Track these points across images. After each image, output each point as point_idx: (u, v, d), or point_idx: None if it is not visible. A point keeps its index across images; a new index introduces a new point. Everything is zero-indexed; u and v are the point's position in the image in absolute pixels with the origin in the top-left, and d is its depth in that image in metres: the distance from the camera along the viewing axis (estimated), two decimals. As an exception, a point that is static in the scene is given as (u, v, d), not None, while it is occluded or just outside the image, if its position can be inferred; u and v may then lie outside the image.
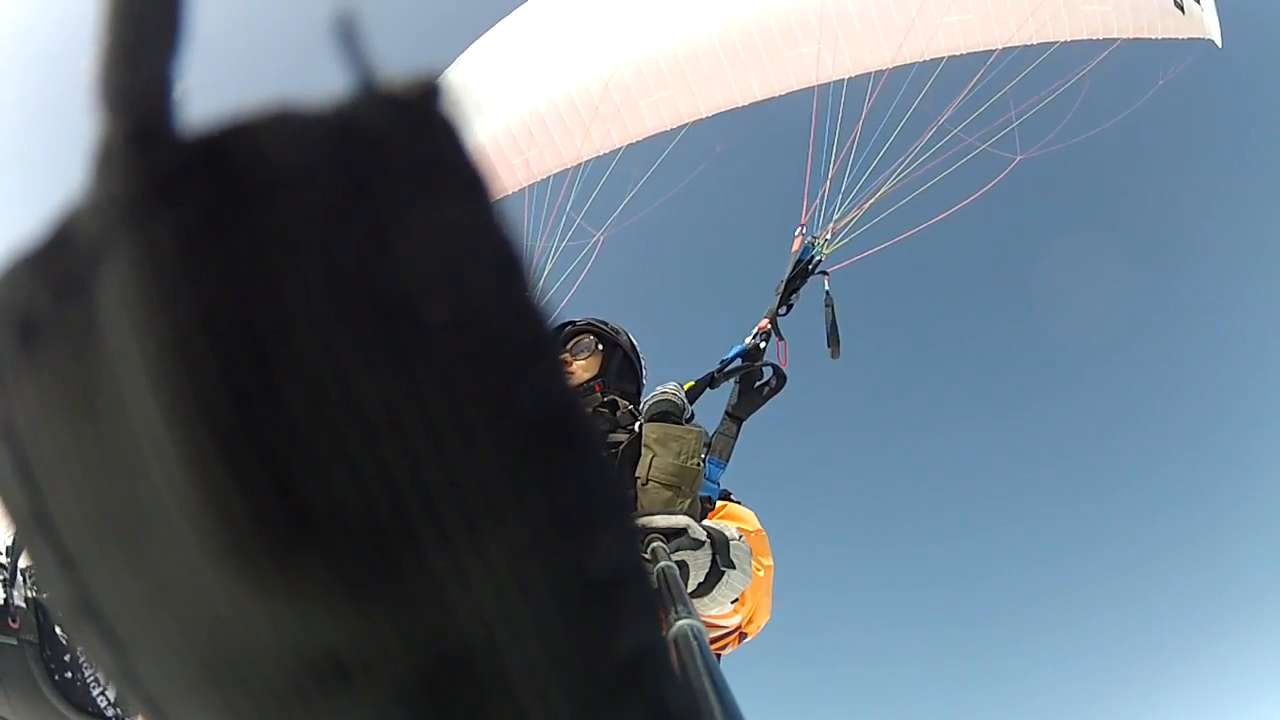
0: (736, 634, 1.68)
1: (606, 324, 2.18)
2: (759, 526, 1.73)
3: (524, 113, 3.65)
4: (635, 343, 2.19)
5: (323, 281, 0.20)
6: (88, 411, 0.22)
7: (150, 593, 0.23)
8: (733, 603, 1.55)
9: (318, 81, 0.22)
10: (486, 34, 3.95)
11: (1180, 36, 3.58)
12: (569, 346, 2.10)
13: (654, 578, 0.93)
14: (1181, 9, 3.49)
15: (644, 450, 1.68)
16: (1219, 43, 3.65)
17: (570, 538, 0.22)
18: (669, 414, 1.83)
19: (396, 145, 0.21)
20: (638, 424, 1.82)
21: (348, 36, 0.21)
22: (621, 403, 1.97)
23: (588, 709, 0.23)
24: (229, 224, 0.20)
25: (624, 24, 3.54)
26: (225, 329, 0.19)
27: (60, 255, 0.21)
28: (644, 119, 3.54)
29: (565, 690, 0.23)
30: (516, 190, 3.74)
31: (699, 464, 1.64)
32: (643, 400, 1.94)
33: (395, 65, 0.21)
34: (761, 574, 1.63)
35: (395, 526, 0.20)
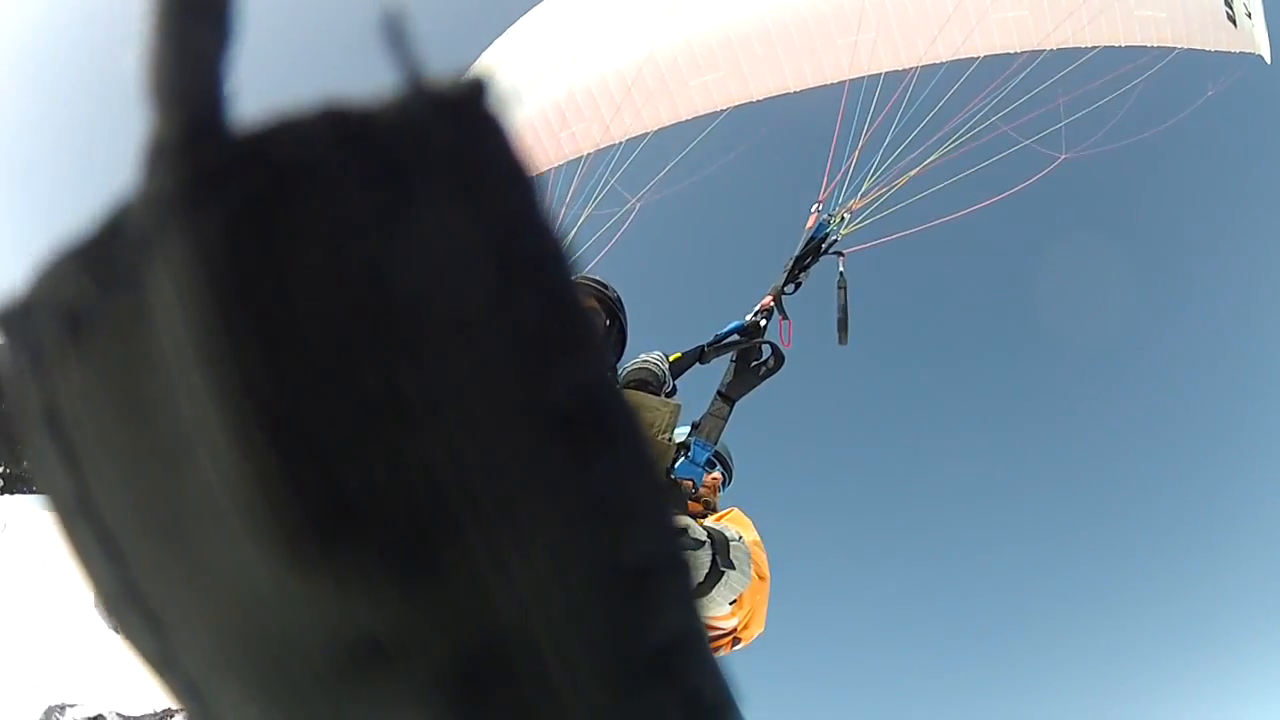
0: (730, 638, 1.64)
1: (608, 289, 2.07)
2: (757, 538, 1.67)
3: (573, 88, 3.66)
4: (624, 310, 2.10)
5: (369, 274, 0.20)
6: (134, 400, 0.22)
7: (193, 577, 0.23)
8: (730, 604, 1.53)
9: (366, 79, 0.22)
10: (536, 8, 4.00)
11: (1231, 50, 3.59)
12: None
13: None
14: (1234, 22, 3.49)
15: None
16: (1268, 59, 3.66)
17: (608, 527, 0.22)
18: (646, 383, 1.80)
19: (442, 143, 0.21)
20: None
21: (395, 34, 0.21)
22: None
23: (621, 696, 0.23)
24: (277, 218, 0.20)
25: (676, 4, 3.57)
26: (273, 320, 0.20)
27: (109, 247, 0.22)
28: (694, 100, 3.56)
29: (600, 677, 0.23)
30: (560, 163, 3.76)
31: (670, 439, 1.59)
32: (621, 368, 1.88)
33: (442, 62, 0.22)
34: (760, 581, 1.60)
35: (436, 514, 0.21)
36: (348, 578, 0.21)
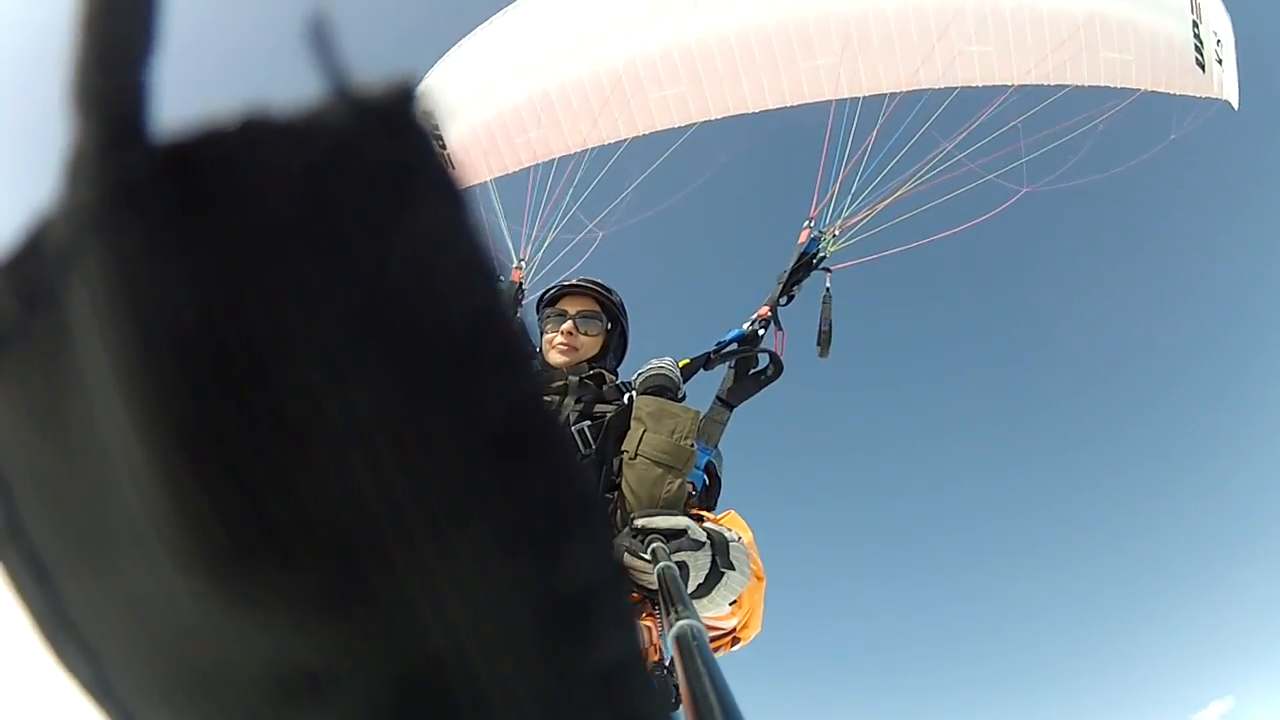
0: (730, 637, 1.64)
1: (611, 293, 2.11)
2: (752, 538, 1.67)
3: (532, 93, 3.61)
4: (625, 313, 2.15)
5: (289, 289, 0.19)
6: (58, 422, 0.21)
7: (122, 604, 0.22)
8: (730, 604, 1.52)
9: (292, 86, 0.22)
10: (503, 11, 3.91)
11: (1198, 94, 3.56)
12: (576, 313, 2.03)
13: (655, 578, 0.92)
14: (1202, 68, 3.47)
15: (635, 423, 1.62)
16: (1236, 105, 3.64)
17: (539, 549, 0.22)
18: (664, 389, 1.78)
19: (367, 151, 0.21)
20: (626, 396, 1.75)
21: (321, 41, 0.20)
22: (608, 376, 1.92)
23: None
24: (197, 231, 0.19)
25: (642, 15, 3.50)
26: (193, 337, 0.19)
27: (30, 264, 0.21)
28: (652, 113, 3.51)
29: (537, 701, 0.22)
30: (518, 170, 3.70)
31: (693, 446, 1.59)
32: (636, 373, 1.88)
33: (371, 69, 0.21)
34: (758, 581, 1.60)
35: (363, 539, 0.20)
36: (276, 608, 0.20)
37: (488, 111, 3.68)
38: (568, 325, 1.99)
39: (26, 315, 0.21)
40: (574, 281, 2.10)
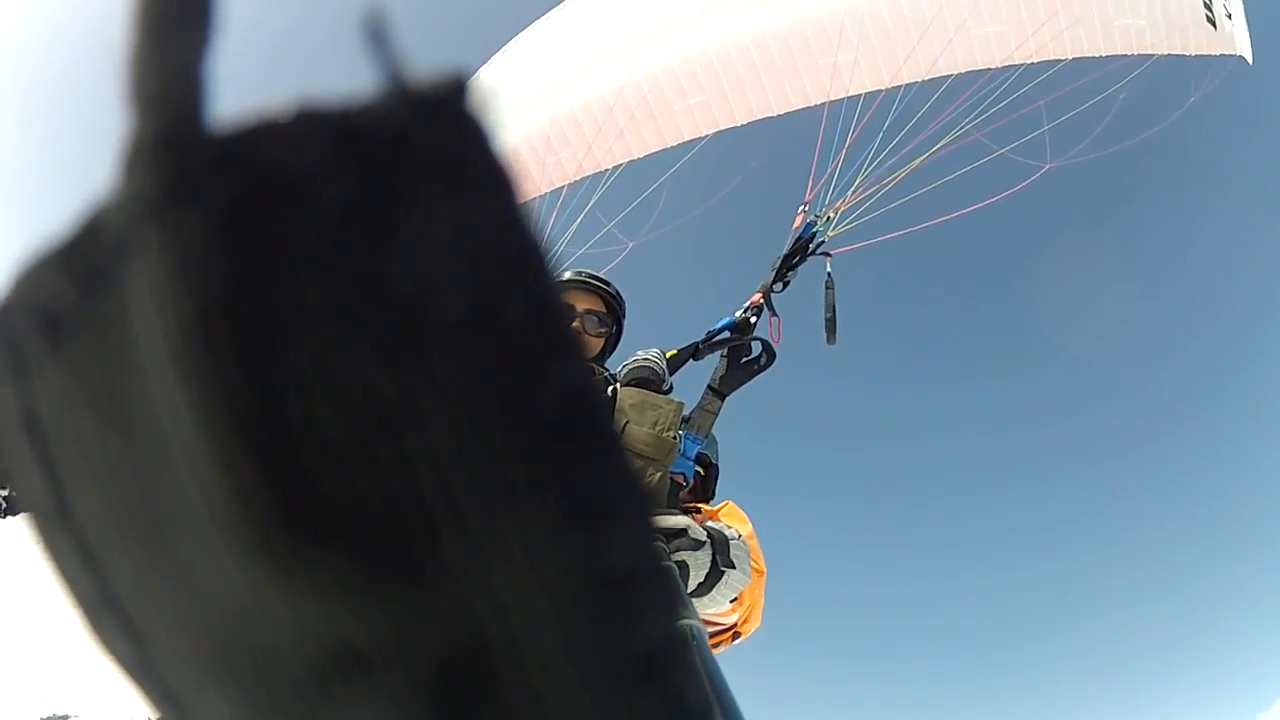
0: (730, 633, 1.66)
1: (609, 287, 2.10)
2: (752, 530, 1.68)
3: (557, 114, 3.67)
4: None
5: (345, 277, 0.20)
6: (112, 405, 0.22)
7: (171, 585, 0.23)
8: (731, 601, 1.54)
9: (345, 79, 0.23)
10: (519, 35, 3.97)
11: (1212, 52, 3.59)
12: (584, 311, 2.02)
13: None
14: (1213, 24, 3.49)
15: (617, 415, 1.61)
16: (1250, 59, 3.67)
17: (588, 532, 0.22)
18: (648, 381, 1.78)
19: (420, 143, 0.21)
20: (610, 389, 1.75)
21: (376, 34, 0.21)
22: (598, 369, 1.93)
23: (604, 703, 0.23)
24: (254, 221, 0.20)
25: (658, 29, 3.55)
26: (250, 324, 0.20)
27: (87, 250, 0.22)
28: (678, 124, 3.56)
29: (582, 684, 0.23)
30: (550, 191, 3.77)
31: (675, 438, 1.58)
32: (621, 365, 1.88)
33: (423, 63, 0.21)
34: (758, 576, 1.60)
35: (415, 520, 0.21)
36: (327, 585, 0.21)
37: (514, 135, 3.75)
38: (575, 323, 1.98)
39: (84, 300, 0.22)
40: (582, 277, 2.07)
